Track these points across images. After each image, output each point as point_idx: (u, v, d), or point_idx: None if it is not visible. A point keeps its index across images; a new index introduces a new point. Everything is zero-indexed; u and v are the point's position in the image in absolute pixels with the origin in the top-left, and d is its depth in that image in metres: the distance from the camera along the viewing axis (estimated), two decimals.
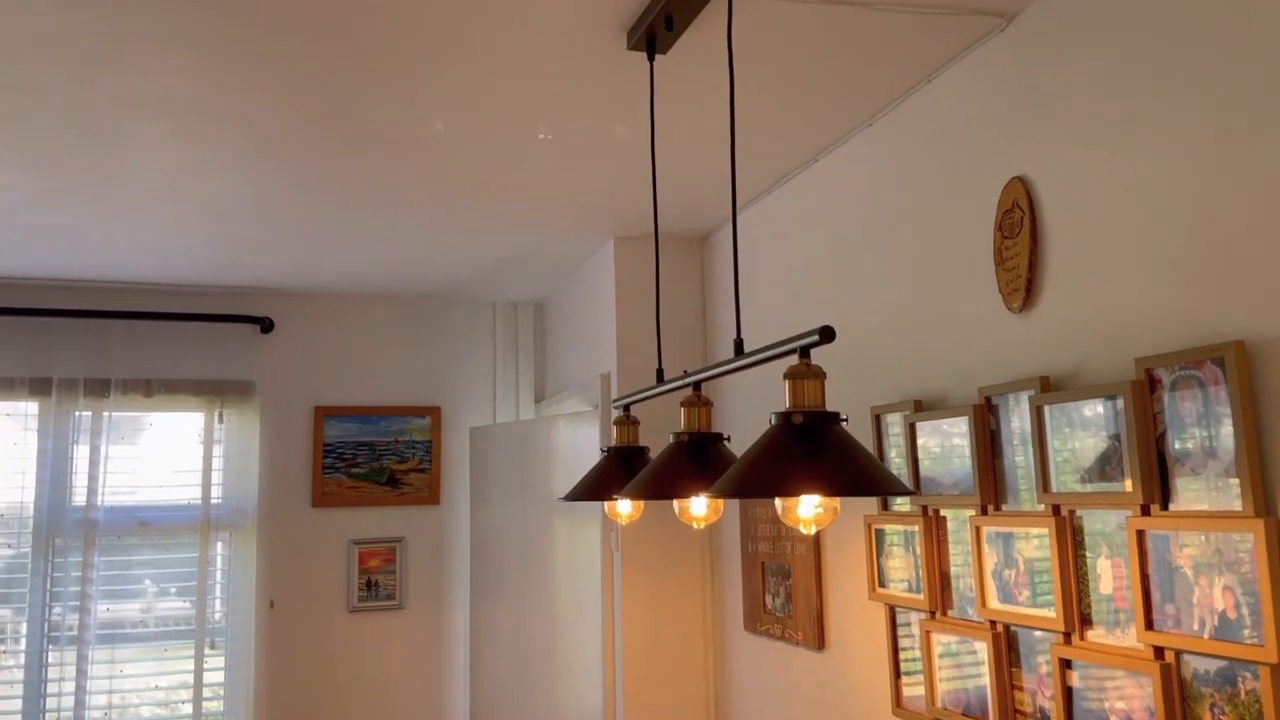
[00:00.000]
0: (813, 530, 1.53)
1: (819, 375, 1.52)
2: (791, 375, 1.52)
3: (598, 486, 2.23)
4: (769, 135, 2.92)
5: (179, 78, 2.44)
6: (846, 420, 1.51)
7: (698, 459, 1.89)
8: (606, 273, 4.10)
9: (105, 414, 4.61)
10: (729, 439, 1.95)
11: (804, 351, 1.54)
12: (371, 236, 3.91)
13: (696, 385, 1.97)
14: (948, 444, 2.38)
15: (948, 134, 2.48)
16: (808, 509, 1.51)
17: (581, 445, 4.28)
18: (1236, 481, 1.65)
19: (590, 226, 3.84)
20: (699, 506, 1.96)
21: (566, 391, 4.63)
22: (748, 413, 3.57)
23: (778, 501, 1.53)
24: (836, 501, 1.52)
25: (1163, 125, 1.85)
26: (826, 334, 1.49)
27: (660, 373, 2.21)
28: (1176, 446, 1.77)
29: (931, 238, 2.54)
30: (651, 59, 2.28)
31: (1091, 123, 2.02)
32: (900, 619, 2.59)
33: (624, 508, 2.30)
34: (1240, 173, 1.69)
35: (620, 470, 2.26)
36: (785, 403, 1.52)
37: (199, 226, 3.71)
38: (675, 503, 2.01)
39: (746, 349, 3.51)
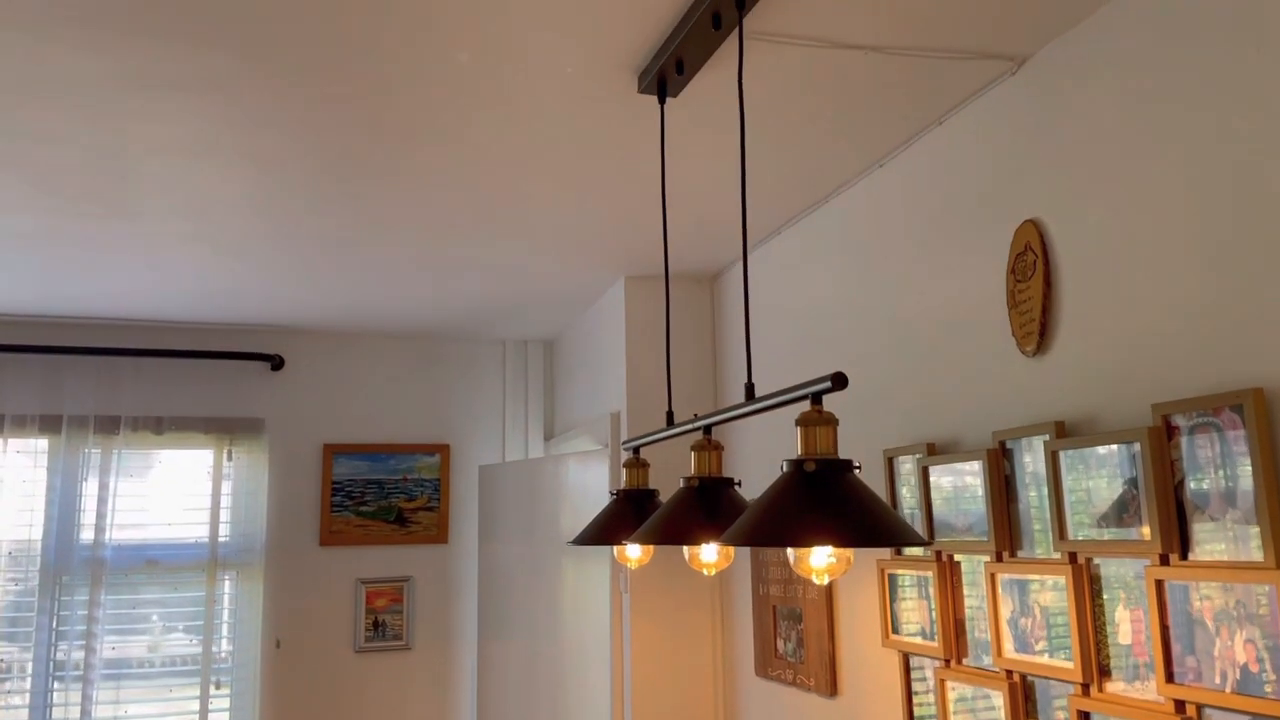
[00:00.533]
0: (825, 580, 1.51)
1: (831, 422, 1.50)
2: (804, 422, 1.50)
3: (607, 530, 2.20)
4: (779, 176, 2.92)
5: (194, 120, 2.45)
6: (860, 468, 1.49)
7: (708, 505, 1.87)
8: (617, 311, 4.09)
9: (115, 451, 4.60)
10: (739, 484, 1.93)
11: (816, 398, 1.52)
12: (382, 275, 3.92)
13: (707, 429, 1.95)
14: (961, 487, 2.35)
15: (960, 175, 2.47)
16: (820, 559, 1.48)
17: (591, 484, 4.25)
18: (1257, 531, 1.61)
19: (601, 265, 3.84)
20: (709, 554, 1.94)
21: (576, 430, 4.61)
22: (759, 456, 3.54)
23: (790, 551, 1.51)
24: (849, 552, 1.50)
25: (1178, 167, 1.84)
26: (839, 381, 1.47)
27: (670, 415, 2.20)
28: (1195, 494, 1.74)
29: (943, 279, 2.52)
30: (662, 102, 2.28)
31: (1105, 165, 2.01)
32: (914, 666, 2.55)
33: (633, 552, 2.27)
34: (1258, 216, 1.67)
35: (630, 514, 2.23)
36: (797, 449, 1.50)
37: (212, 265, 3.72)
38: (685, 549, 1.98)
39: (757, 391, 3.49)
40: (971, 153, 2.43)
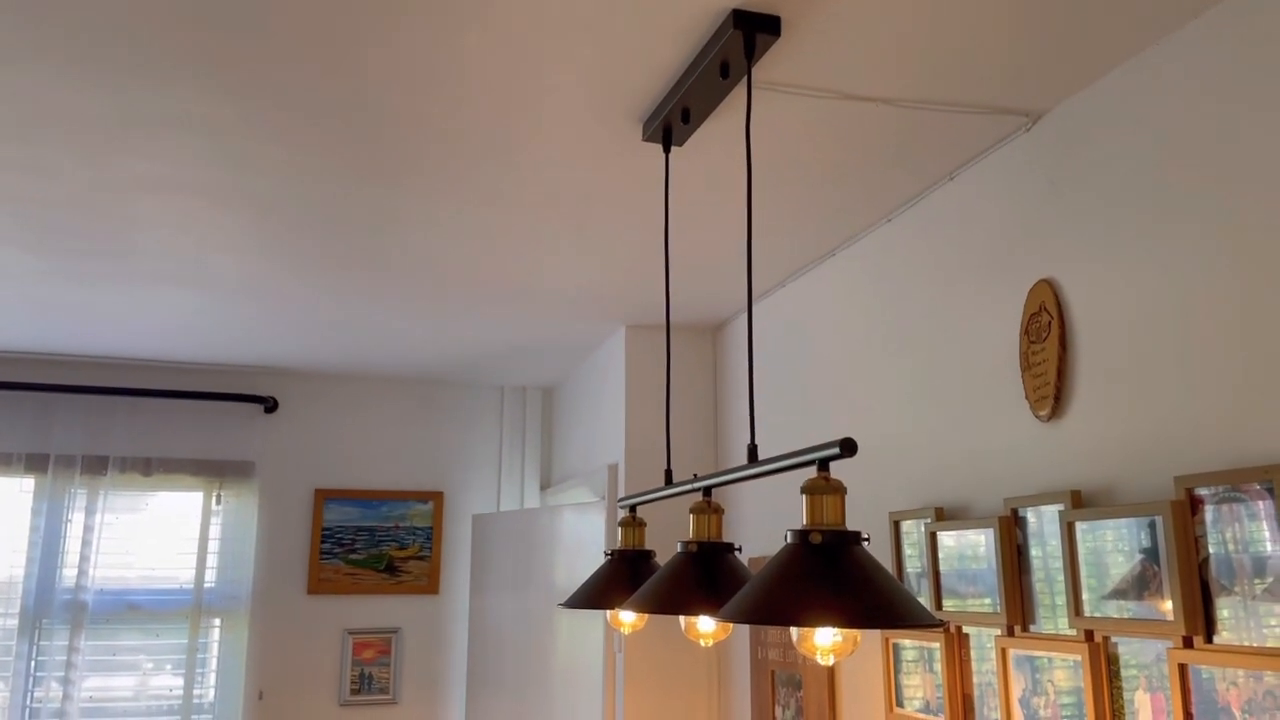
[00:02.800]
0: (830, 660, 1.41)
1: (839, 491, 1.41)
2: (810, 490, 1.41)
3: (601, 593, 2.10)
4: (784, 228, 2.85)
5: (189, 159, 2.39)
6: (869, 539, 1.40)
7: (706, 572, 1.77)
8: (616, 361, 4.02)
9: (101, 492, 4.50)
10: (739, 549, 1.83)
11: (823, 464, 1.44)
12: (379, 319, 3.85)
13: (707, 490, 1.87)
14: (971, 555, 2.25)
15: (972, 232, 2.40)
16: (826, 639, 1.39)
17: (586, 537, 4.14)
18: None
19: (602, 314, 3.77)
20: (706, 624, 1.84)
21: (573, 480, 4.52)
22: (760, 518, 3.44)
23: (793, 630, 1.41)
24: (857, 632, 1.40)
25: (1200, 227, 1.77)
26: (848, 447, 1.39)
27: (669, 474, 2.11)
28: (1220, 572, 1.64)
29: (954, 338, 2.44)
30: (667, 151, 2.22)
31: (1123, 224, 1.94)
32: None
33: (627, 618, 2.17)
34: None
35: (625, 576, 2.13)
36: (802, 518, 1.41)
37: (205, 305, 3.65)
38: (682, 619, 1.88)
39: (761, 450, 3.40)
40: (984, 209, 2.36)
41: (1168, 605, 1.72)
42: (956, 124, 2.22)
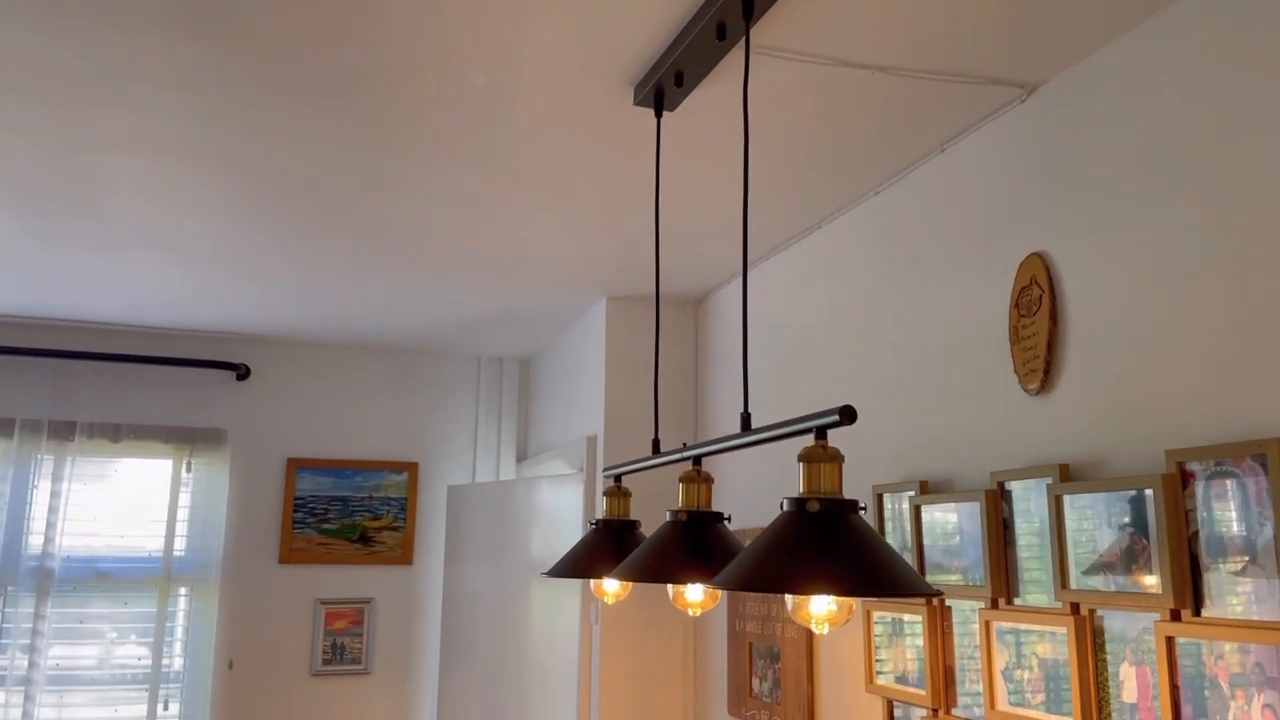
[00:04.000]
0: (824, 630, 1.40)
1: (837, 459, 1.40)
2: (807, 458, 1.39)
3: (585, 563, 2.08)
4: (772, 197, 2.82)
5: (163, 115, 2.32)
6: (865, 509, 1.39)
7: (695, 541, 1.75)
8: (597, 332, 3.98)
9: (69, 458, 4.42)
10: (729, 519, 1.82)
11: (820, 432, 1.42)
12: (355, 286, 3.79)
13: (697, 459, 1.84)
14: (955, 529, 2.25)
15: (963, 205, 2.39)
16: (821, 607, 1.37)
17: (564, 509, 4.12)
18: (1279, 587, 1.52)
19: (582, 285, 3.73)
20: (695, 593, 1.82)
21: (550, 452, 4.49)
22: (745, 489, 3.43)
23: (788, 597, 1.40)
24: (853, 600, 1.39)
25: (1195, 202, 1.76)
26: (847, 414, 1.37)
27: (656, 443, 2.08)
28: (1210, 546, 1.64)
29: (942, 311, 2.43)
30: (659, 115, 2.18)
31: (1117, 198, 1.93)
32: (898, 713, 2.44)
33: (611, 587, 2.15)
34: None
35: (609, 546, 2.12)
36: (798, 487, 1.39)
37: (177, 269, 3.58)
38: (670, 587, 1.86)
39: (739, 420, 3.39)
40: (976, 182, 2.34)
41: (1155, 579, 1.72)
42: (951, 95, 2.19)
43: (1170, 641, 1.69)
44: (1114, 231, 1.93)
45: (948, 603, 2.29)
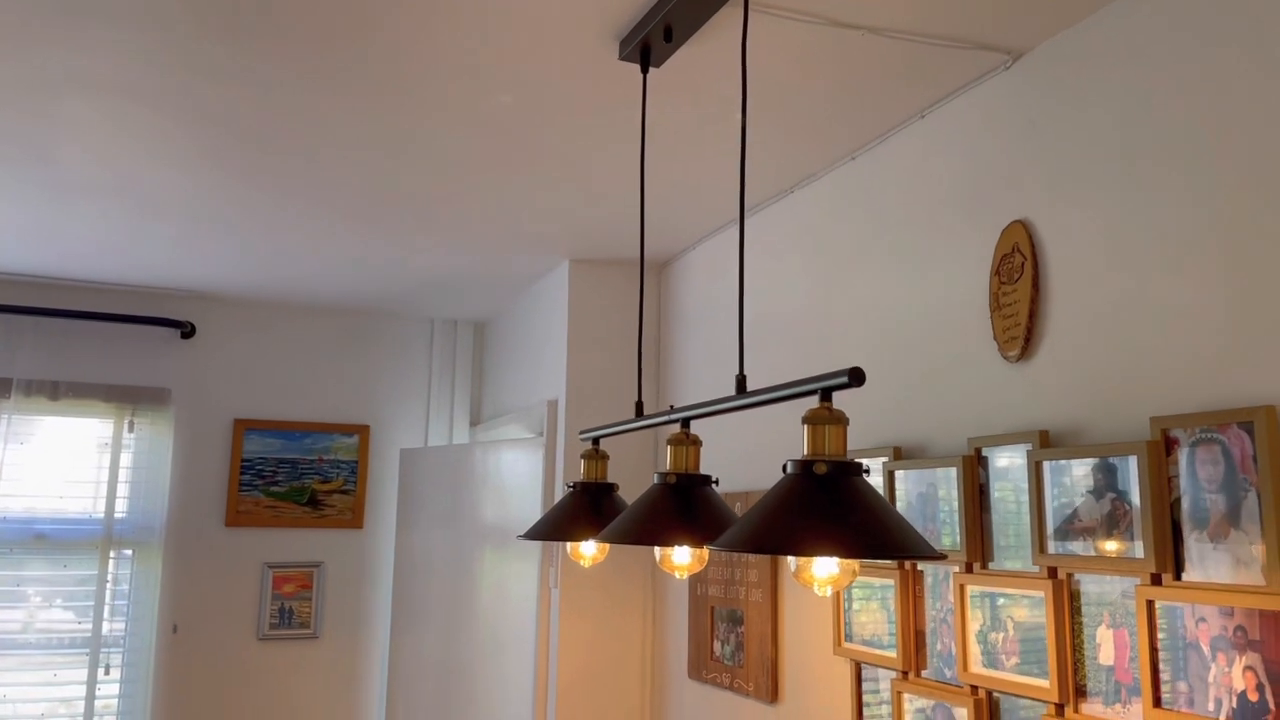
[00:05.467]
0: (826, 592, 1.39)
1: (842, 421, 1.38)
2: (812, 420, 1.38)
3: (563, 526, 2.05)
4: (747, 159, 2.79)
5: (121, 56, 2.21)
6: (869, 471, 1.38)
7: (685, 503, 1.74)
8: (558, 296, 3.93)
9: (5, 416, 4.26)
10: (718, 482, 1.80)
11: (825, 394, 1.40)
12: (307, 242, 3.68)
13: (685, 422, 1.82)
14: (927, 495, 2.27)
15: (944, 172, 2.38)
16: (825, 569, 1.36)
17: (522, 474, 4.08)
18: (1261, 553, 1.55)
19: (545, 247, 3.67)
20: (682, 556, 1.80)
21: (507, 416, 4.44)
22: (724, 454, 3.42)
23: (791, 559, 1.39)
24: (856, 563, 1.38)
25: (1179, 171, 1.77)
26: (856, 376, 1.35)
27: (640, 405, 2.05)
28: (1194, 513, 1.67)
29: (919, 278, 2.43)
30: (645, 72, 2.13)
31: (1101, 166, 1.94)
32: (867, 676, 2.46)
33: (588, 550, 2.13)
34: (1268, 222, 1.61)
35: (587, 509, 2.09)
36: (803, 449, 1.38)
37: (124, 220, 3.44)
38: (656, 550, 1.85)
39: (714, 382, 3.38)
40: (959, 148, 2.34)
41: (1137, 544, 1.74)
42: (936, 60, 2.18)
43: (1151, 605, 1.72)
44: (1098, 199, 1.94)
45: (920, 567, 2.31)
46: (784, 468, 1.37)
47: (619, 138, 2.61)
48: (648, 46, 2.08)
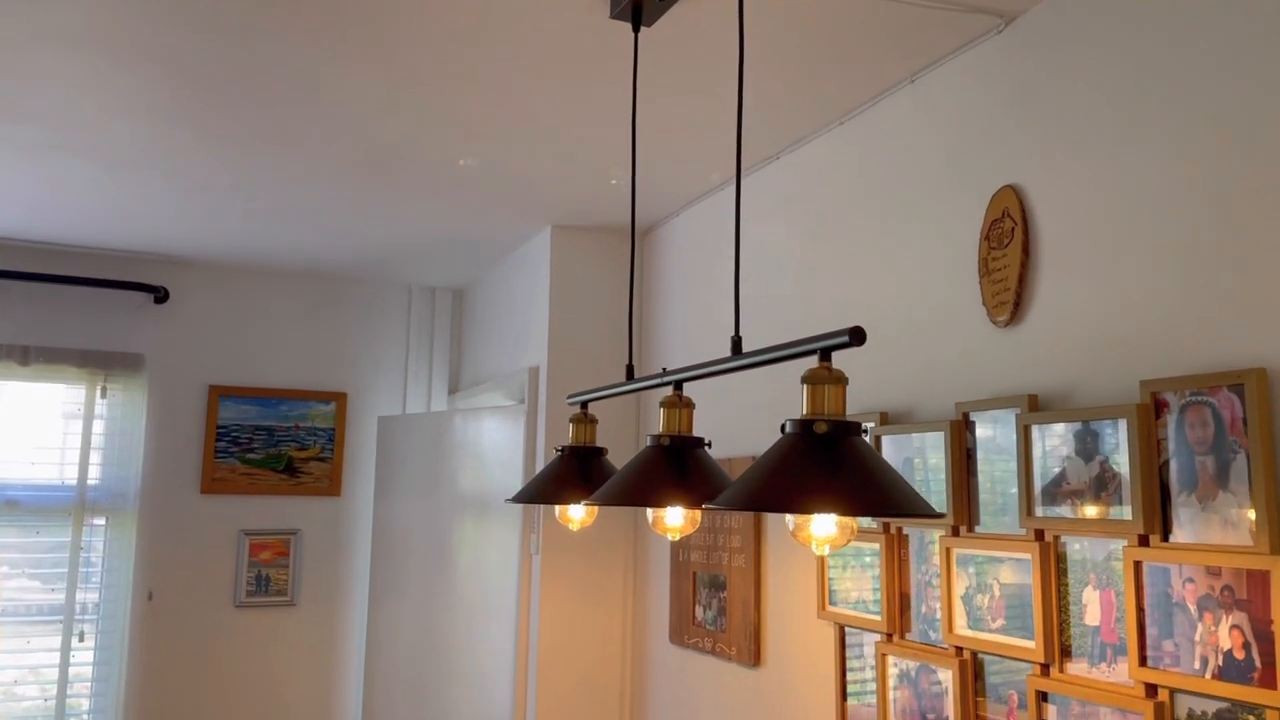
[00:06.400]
0: (825, 551, 1.39)
1: (842, 381, 1.38)
2: (811, 380, 1.37)
3: (552, 489, 2.04)
4: (731, 124, 2.77)
5: (85, 7, 2.15)
6: (867, 432, 1.37)
7: (679, 465, 1.73)
8: (540, 262, 3.91)
9: None
10: (710, 444, 1.80)
11: (825, 354, 1.40)
12: (284, 206, 3.63)
13: (678, 385, 1.81)
14: (911, 460, 2.28)
15: (934, 136, 2.38)
16: (823, 528, 1.36)
17: (503, 441, 4.07)
18: (1250, 515, 1.57)
19: (526, 212, 3.64)
20: (675, 518, 1.80)
21: (487, 384, 4.42)
22: (714, 417, 3.41)
23: (789, 518, 1.39)
24: (855, 521, 1.39)
25: (1171, 135, 1.77)
26: (857, 335, 1.35)
27: (631, 369, 2.04)
28: (1182, 475, 1.69)
29: (910, 243, 2.43)
30: (636, 30, 2.11)
31: (1093, 131, 1.94)
32: (851, 639, 2.48)
33: (577, 514, 2.12)
34: (1258, 186, 1.62)
35: (575, 472, 2.08)
36: (802, 408, 1.38)
37: (96, 181, 3.37)
38: (650, 511, 1.84)
39: (695, 349, 3.37)
40: (949, 112, 2.33)
41: (1125, 506, 1.76)
42: (929, 21, 2.17)
43: (1138, 566, 1.74)
44: (1088, 164, 1.94)
45: (905, 530, 2.33)
46: (782, 427, 1.37)
47: (607, 98, 2.58)
48: (639, 4, 2.05)
